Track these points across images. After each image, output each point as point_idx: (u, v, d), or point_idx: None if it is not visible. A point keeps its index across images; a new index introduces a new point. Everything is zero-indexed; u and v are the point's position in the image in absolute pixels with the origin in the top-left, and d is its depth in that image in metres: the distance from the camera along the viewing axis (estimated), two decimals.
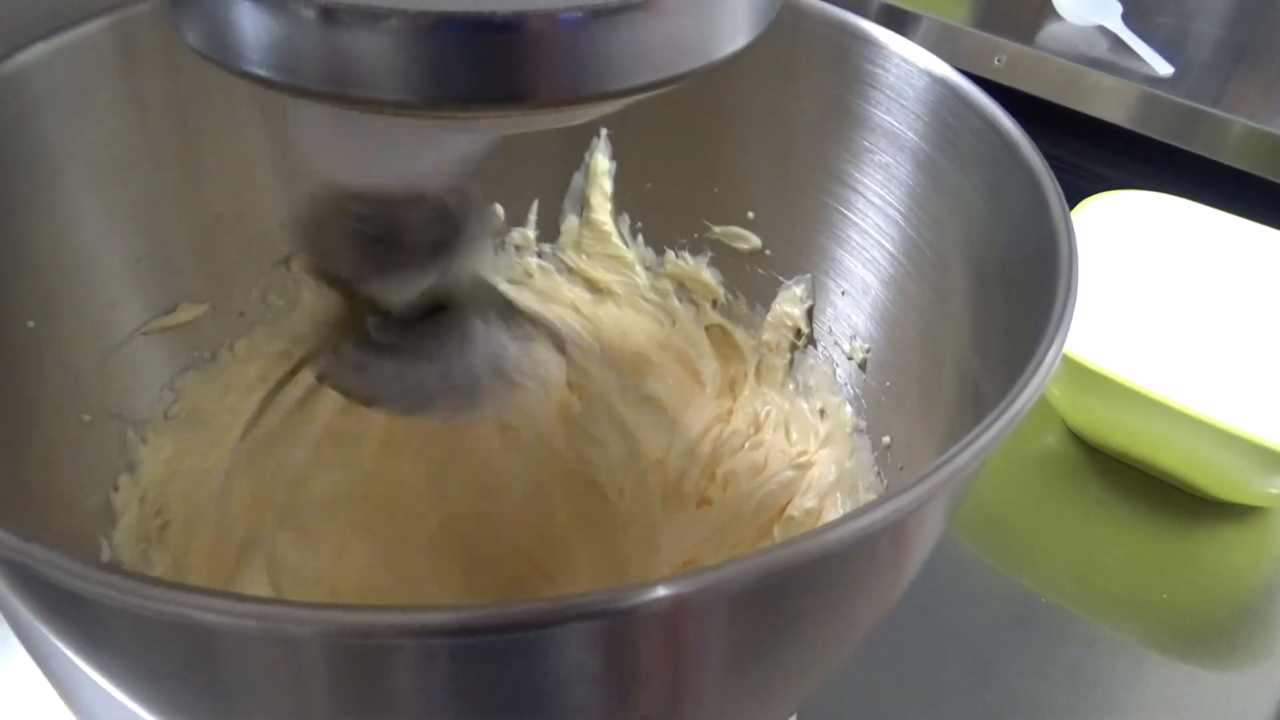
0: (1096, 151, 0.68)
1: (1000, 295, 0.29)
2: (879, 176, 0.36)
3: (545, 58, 0.20)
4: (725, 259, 0.44)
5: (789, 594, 0.21)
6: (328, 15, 0.21)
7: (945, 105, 0.32)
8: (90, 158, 0.34)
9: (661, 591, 0.18)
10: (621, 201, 0.44)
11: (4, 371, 0.31)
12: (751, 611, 0.20)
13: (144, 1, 0.33)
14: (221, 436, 0.39)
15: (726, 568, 0.18)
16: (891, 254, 0.36)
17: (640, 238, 0.45)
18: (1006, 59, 0.69)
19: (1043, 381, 0.23)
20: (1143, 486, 0.48)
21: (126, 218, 0.35)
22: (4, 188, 0.31)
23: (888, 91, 0.35)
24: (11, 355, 0.31)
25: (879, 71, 0.35)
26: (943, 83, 0.32)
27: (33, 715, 0.35)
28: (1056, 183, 0.27)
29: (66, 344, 0.34)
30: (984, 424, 0.21)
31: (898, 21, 0.72)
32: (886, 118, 0.35)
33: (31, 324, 0.32)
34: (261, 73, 0.23)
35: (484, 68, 0.20)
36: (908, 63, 0.34)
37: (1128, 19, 0.70)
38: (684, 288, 0.45)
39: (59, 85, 0.32)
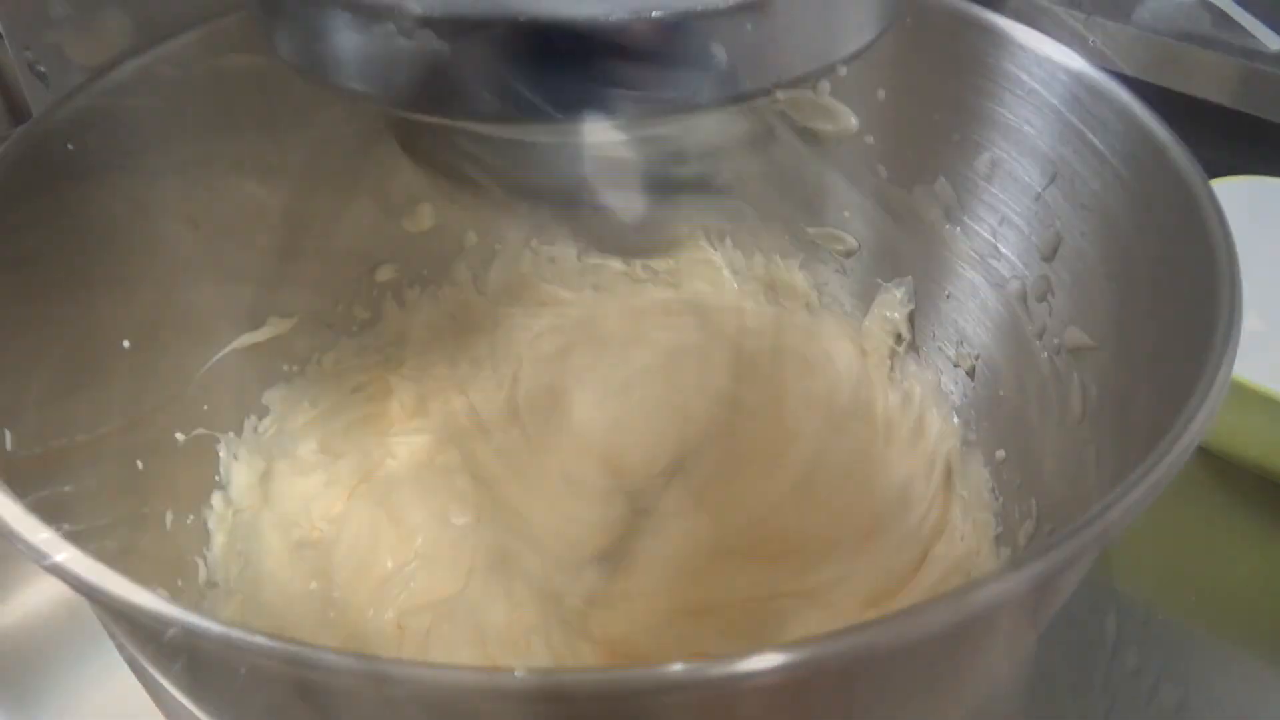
0: (1201, 134, 0.63)
1: (1145, 304, 0.27)
2: (991, 174, 0.34)
3: (628, 67, 0.19)
4: (817, 261, 0.42)
5: (908, 663, 0.19)
6: (428, 26, 0.20)
7: (1075, 101, 0.30)
8: (182, 173, 0.33)
9: (770, 664, 0.16)
10: None
11: (102, 392, 0.31)
12: (873, 679, 0.19)
13: (232, 16, 0.33)
14: (308, 452, 0.39)
15: (848, 637, 0.17)
16: (1006, 257, 0.34)
17: (729, 240, 0.44)
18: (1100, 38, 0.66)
19: (1215, 406, 0.21)
20: (1271, 496, 0.44)
21: (218, 232, 0.35)
22: (102, 206, 0.31)
23: (1004, 83, 0.33)
24: (109, 376, 0.31)
25: (996, 63, 0.33)
26: (1073, 75, 0.30)
27: None
28: (1212, 191, 0.25)
29: (160, 363, 0.34)
30: (1156, 454, 0.19)
31: (982, 1, 0.69)
32: (1002, 111, 0.33)
33: (127, 344, 0.32)
34: (360, 88, 0.22)
35: (579, 78, 0.20)
36: (1026, 51, 0.32)
37: None
38: (773, 290, 0.43)
39: (151, 101, 0.32)
